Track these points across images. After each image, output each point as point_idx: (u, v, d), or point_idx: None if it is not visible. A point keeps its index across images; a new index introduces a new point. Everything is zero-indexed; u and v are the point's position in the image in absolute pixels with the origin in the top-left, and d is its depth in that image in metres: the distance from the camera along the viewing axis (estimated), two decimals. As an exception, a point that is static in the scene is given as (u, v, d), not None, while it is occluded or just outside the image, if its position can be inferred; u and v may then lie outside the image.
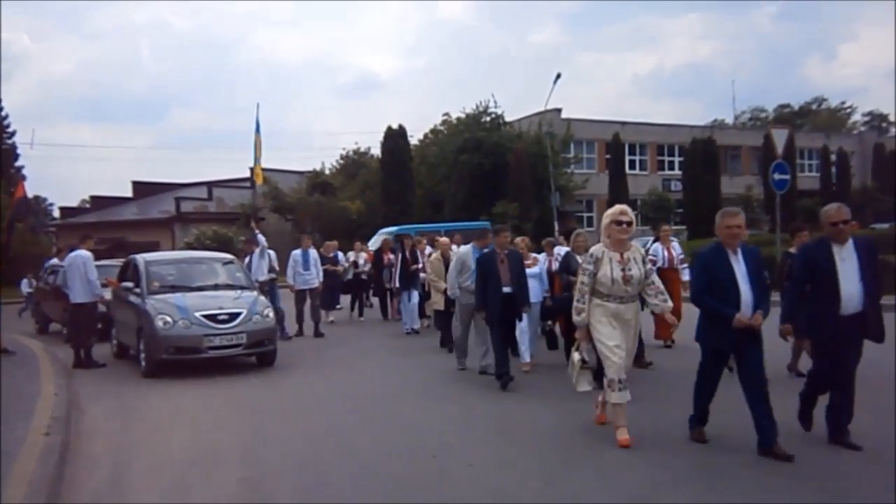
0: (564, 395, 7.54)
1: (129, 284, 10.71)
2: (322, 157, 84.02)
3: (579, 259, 8.54)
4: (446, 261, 11.11)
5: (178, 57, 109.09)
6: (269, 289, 12.77)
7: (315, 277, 13.62)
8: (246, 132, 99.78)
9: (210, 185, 38.62)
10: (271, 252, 13.37)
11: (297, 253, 13.61)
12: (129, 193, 42.71)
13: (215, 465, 5.70)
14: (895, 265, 13.68)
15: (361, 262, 15.63)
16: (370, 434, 6.50)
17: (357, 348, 11.77)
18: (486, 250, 8.87)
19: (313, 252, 13.89)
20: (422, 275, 13.11)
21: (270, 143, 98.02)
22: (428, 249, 13.76)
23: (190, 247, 20.50)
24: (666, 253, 10.50)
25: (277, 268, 13.50)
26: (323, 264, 14.20)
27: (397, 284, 13.29)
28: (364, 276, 16.02)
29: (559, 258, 9.44)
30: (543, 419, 6.90)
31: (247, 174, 39.25)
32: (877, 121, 68.31)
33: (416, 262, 13.27)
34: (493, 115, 35.98)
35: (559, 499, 4.75)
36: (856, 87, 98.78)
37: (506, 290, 8.08)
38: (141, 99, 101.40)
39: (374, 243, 19.79)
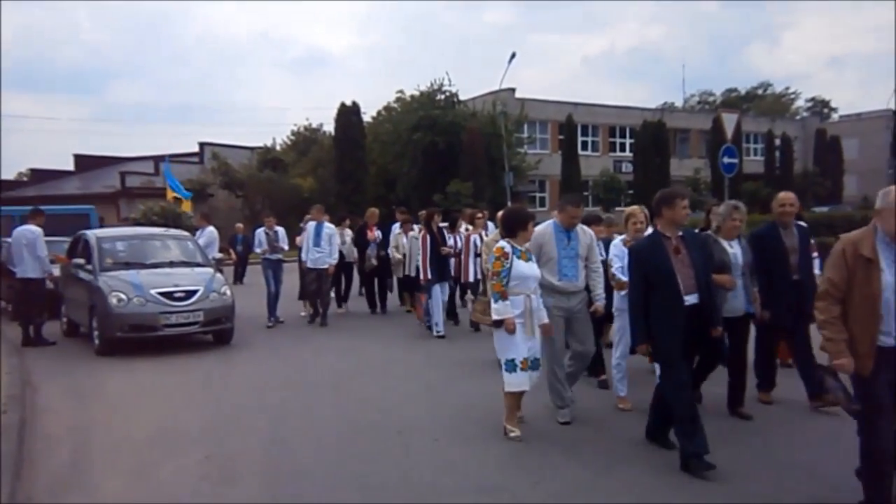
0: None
1: (81, 261, 10.48)
2: (272, 132, 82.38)
3: (727, 247, 5.95)
4: None
5: (117, 26, 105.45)
6: (269, 266, 12.21)
7: (327, 256, 11.74)
8: (194, 106, 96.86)
9: (157, 159, 37.61)
10: (280, 229, 12.47)
11: (309, 225, 11.96)
12: (70, 167, 41.37)
13: (178, 443, 5.67)
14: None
15: (349, 241, 13.10)
16: (333, 411, 6.56)
17: (315, 327, 11.70)
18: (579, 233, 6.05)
19: (328, 226, 11.95)
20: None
21: (218, 117, 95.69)
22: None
23: (136, 223, 19.94)
24: None
25: (285, 246, 12.50)
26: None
27: (428, 276, 10.39)
28: (350, 260, 13.20)
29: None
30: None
31: (195, 149, 38.64)
32: (818, 107, 70.43)
33: (445, 243, 10.71)
34: (448, 94, 35.87)
35: (525, 473, 4.86)
36: (798, 74, 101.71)
37: (689, 300, 4.87)
38: (80, 69, 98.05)
39: None
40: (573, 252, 5.99)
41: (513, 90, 37.87)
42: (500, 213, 8.93)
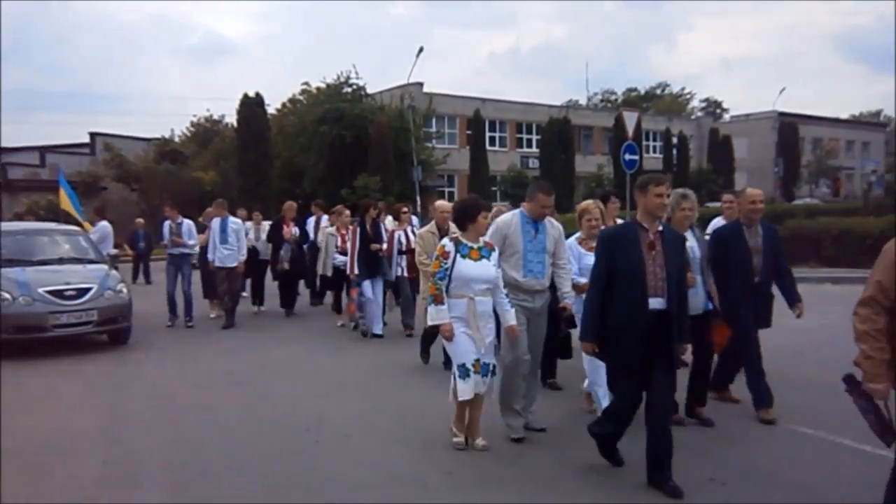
0: (438, 368, 7.69)
1: (-42, 258, 9.73)
2: (169, 123, 78.55)
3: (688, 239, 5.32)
4: (444, 235, 7.61)
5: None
6: (172, 262, 11.15)
7: (237, 253, 11.05)
8: (83, 94, 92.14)
9: (42, 149, 35.52)
10: (186, 222, 11.32)
11: (214, 222, 11.19)
12: (-55, 157, 38.49)
13: (72, 449, 5.35)
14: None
15: (264, 237, 12.31)
16: (239, 410, 6.36)
17: (218, 324, 11.25)
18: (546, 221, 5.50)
19: (234, 221, 11.29)
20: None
21: (111, 107, 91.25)
22: (388, 220, 10.80)
23: (19, 218, 18.60)
24: None
25: (190, 241, 11.25)
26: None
27: (356, 271, 9.77)
28: (264, 257, 12.42)
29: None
30: (415, 385, 7.05)
31: (86, 139, 36.71)
32: (712, 107, 74.06)
33: (380, 239, 9.96)
34: (355, 87, 35.49)
35: (437, 465, 4.84)
36: (692, 75, 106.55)
37: (654, 304, 4.30)
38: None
39: None
40: (540, 246, 5.39)
41: (420, 84, 37.88)
42: (438, 203, 8.54)
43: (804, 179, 51.51)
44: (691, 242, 5.40)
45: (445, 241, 5.18)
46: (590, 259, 5.31)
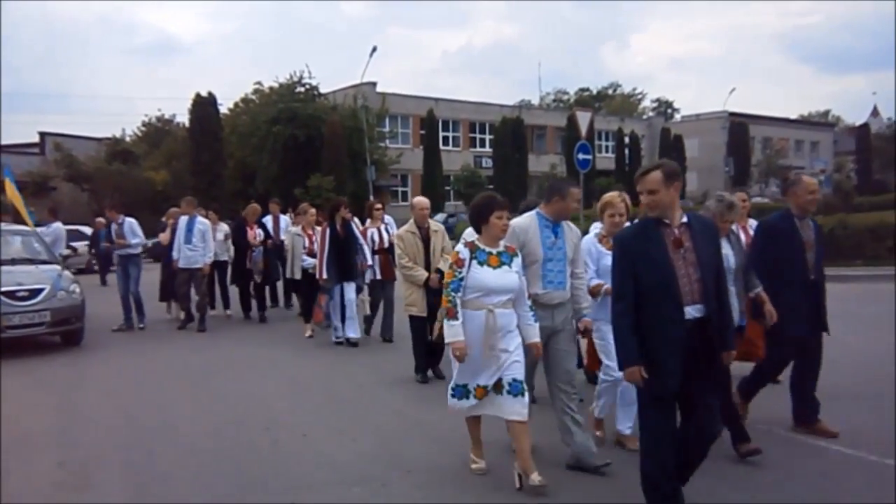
0: (398, 362, 7.80)
1: None
2: (119, 123, 76.65)
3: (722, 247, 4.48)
4: (424, 236, 7.44)
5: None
6: (119, 263, 10.89)
7: (202, 255, 10.65)
8: (30, 93, 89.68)
9: (-10, 150, 34.61)
10: (129, 220, 10.93)
11: (181, 220, 10.72)
12: None
13: (30, 450, 5.34)
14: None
15: (220, 236, 11.84)
16: (196, 411, 6.38)
17: (174, 326, 11.23)
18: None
19: (202, 221, 10.87)
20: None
21: (59, 106, 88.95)
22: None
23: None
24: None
25: (134, 240, 10.86)
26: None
27: (324, 275, 9.03)
28: (224, 259, 11.95)
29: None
30: (373, 385, 7.13)
31: (35, 139, 35.84)
32: (663, 107, 75.48)
33: (353, 239, 9.12)
34: (308, 86, 35.36)
35: (396, 464, 4.91)
36: (643, 75, 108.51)
37: (691, 312, 3.58)
38: None
39: None
40: (560, 253, 4.73)
41: (374, 84, 37.92)
42: (416, 199, 7.83)
43: (754, 179, 52.84)
44: (726, 251, 4.55)
45: (460, 246, 4.51)
46: (610, 259, 4.49)
